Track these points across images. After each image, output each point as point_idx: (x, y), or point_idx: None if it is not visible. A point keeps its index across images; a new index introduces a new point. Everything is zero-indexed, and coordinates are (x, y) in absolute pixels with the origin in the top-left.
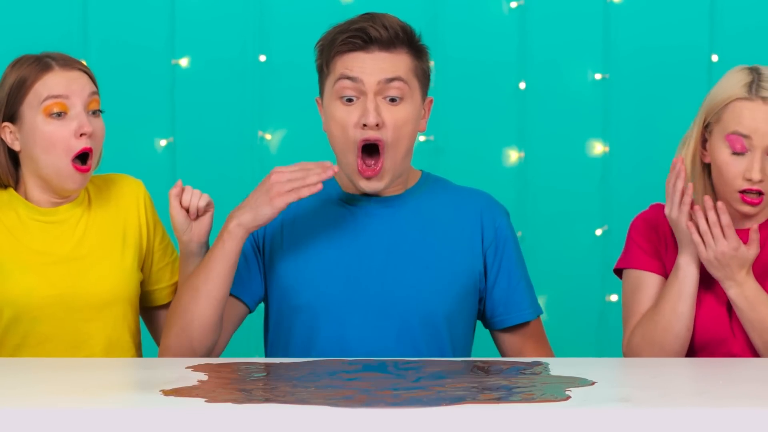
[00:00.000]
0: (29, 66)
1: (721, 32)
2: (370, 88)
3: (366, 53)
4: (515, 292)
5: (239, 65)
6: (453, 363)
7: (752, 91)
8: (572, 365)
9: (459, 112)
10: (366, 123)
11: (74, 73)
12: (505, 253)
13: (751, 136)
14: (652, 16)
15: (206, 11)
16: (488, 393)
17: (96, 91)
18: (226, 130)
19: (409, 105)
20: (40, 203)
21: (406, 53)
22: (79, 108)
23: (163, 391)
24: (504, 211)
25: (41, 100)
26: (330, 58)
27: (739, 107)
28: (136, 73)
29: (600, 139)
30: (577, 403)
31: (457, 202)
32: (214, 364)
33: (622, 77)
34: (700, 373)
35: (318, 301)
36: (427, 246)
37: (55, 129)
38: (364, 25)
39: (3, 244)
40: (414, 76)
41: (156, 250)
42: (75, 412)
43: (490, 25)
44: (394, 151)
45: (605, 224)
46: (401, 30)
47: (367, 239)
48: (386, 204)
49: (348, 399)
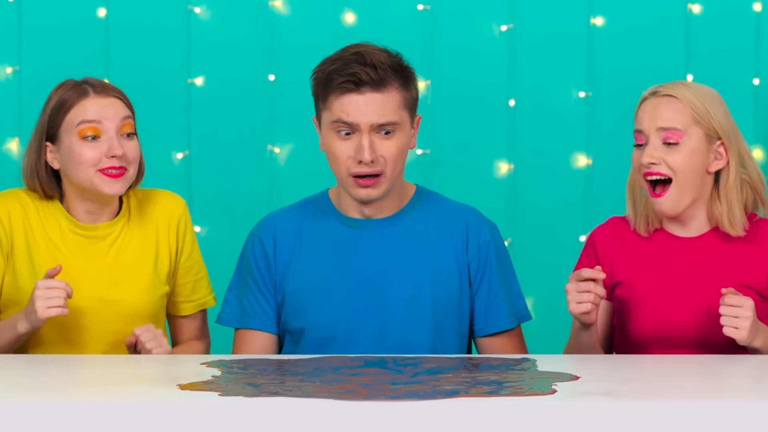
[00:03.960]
0: (68, 91)
1: (696, 53)
2: (364, 128)
3: (359, 95)
4: (494, 302)
5: (250, 84)
6: (448, 359)
7: (649, 92)
8: (558, 361)
9: (453, 128)
10: (361, 160)
11: (108, 100)
12: (487, 266)
13: (641, 130)
14: (631, 38)
15: (219, 34)
16: (480, 387)
17: (130, 115)
18: (238, 143)
19: (401, 135)
20: (80, 218)
21: (396, 88)
22: (111, 132)
23: (180, 386)
24: (489, 225)
25: (76, 123)
26: (326, 96)
27: (641, 109)
28: (155, 92)
29: (584, 152)
30: (562, 397)
31: (446, 217)
32: (227, 361)
33: (604, 95)
34: (676, 369)
35: (324, 318)
36: (418, 261)
37: (87, 150)
38: (357, 70)
39: (44, 252)
40: (404, 109)
41: (180, 268)
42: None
43: (482, 48)
44: (389, 173)
45: (588, 232)
46: (389, 68)
47: (366, 259)
48: (382, 225)
49: (351, 393)
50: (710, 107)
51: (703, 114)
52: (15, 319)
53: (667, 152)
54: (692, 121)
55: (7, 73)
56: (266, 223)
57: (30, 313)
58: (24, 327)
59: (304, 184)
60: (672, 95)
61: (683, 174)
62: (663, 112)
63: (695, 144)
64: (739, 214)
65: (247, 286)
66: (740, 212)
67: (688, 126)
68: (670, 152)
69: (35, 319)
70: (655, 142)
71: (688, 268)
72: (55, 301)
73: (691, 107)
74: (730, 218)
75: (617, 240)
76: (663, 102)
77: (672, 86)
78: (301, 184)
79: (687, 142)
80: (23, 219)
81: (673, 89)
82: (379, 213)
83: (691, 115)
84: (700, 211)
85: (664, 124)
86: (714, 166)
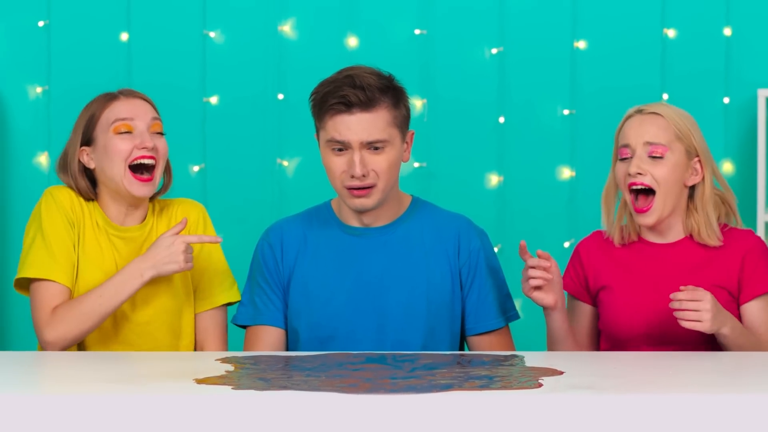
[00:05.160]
0: (100, 99)
1: (671, 74)
2: (355, 146)
3: (350, 115)
4: (484, 304)
5: (260, 102)
6: (442, 356)
7: (634, 110)
8: (544, 358)
9: (447, 143)
10: (353, 174)
11: (137, 101)
12: (477, 271)
13: (628, 144)
14: (611, 60)
15: (232, 57)
16: (472, 381)
17: (157, 116)
18: (250, 157)
19: (390, 151)
20: (114, 218)
21: (384, 107)
22: (142, 128)
23: (196, 380)
24: (479, 233)
25: (111, 122)
26: (321, 116)
27: (627, 125)
28: (173, 109)
29: (568, 165)
30: (548, 390)
31: (440, 225)
32: (240, 357)
33: (587, 113)
34: (653, 365)
35: (326, 318)
36: (413, 266)
37: (120, 143)
38: (347, 92)
39: (86, 243)
40: (393, 127)
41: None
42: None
43: (474, 69)
44: (382, 186)
45: (572, 238)
46: (377, 90)
47: (365, 264)
48: (380, 233)
49: (353, 387)
50: (690, 127)
51: (684, 132)
52: (135, 271)
53: (652, 165)
54: (675, 137)
55: (37, 92)
56: (274, 229)
57: (163, 265)
58: (150, 274)
59: (310, 195)
60: (657, 113)
61: (666, 185)
62: (649, 128)
63: (677, 159)
64: (715, 226)
65: (258, 286)
66: (716, 224)
67: (672, 142)
68: (655, 165)
69: (170, 270)
70: (642, 155)
71: (666, 271)
72: (190, 257)
73: (675, 125)
74: (707, 229)
75: (600, 250)
76: (649, 119)
77: (656, 106)
78: (307, 195)
79: (670, 157)
80: (78, 209)
81: (658, 108)
82: (377, 222)
83: (674, 132)
84: (676, 222)
85: (650, 139)
86: (691, 180)
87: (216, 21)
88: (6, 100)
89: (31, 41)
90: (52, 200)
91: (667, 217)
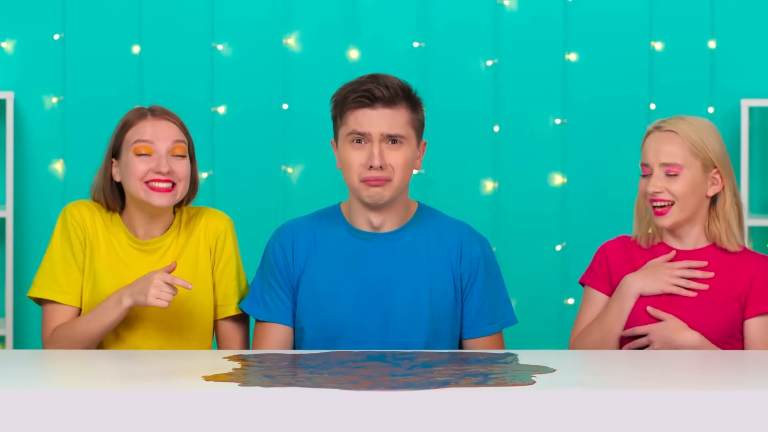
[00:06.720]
0: (132, 113)
1: (658, 85)
2: (375, 138)
3: (372, 110)
4: (480, 310)
5: (266, 112)
6: (440, 354)
7: (653, 126)
8: (537, 356)
9: (445, 150)
10: (372, 165)
11: (163, 123)
12: (476, 278)
13: (647, 163)
14: (601, 72)
15: (239, 68)
16: (468, 378)
17: (182, 139)
18: (256, 164)
19: (407, 148)
20: (137, 231)
21: (404, 108)
22: (162, 152)
23: (205, 377)
24: (481, 241)
25: (133, 142)
26: (343, 112)
27: (646, 143)
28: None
29: (559, 172)
30: (541, 387)
31: (444, 232)
32: (246, 355)
33: (578, 122)
34: (641, 363)
35: (333, 319)
36: (417, 271)
37: (138, 163)
38: (370, 86)
39: (104, 259)
40: (411, 127)
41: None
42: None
43: (470, 80)
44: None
45: (563, 241)
46: (400, 89)
47: (371, 267)
48: (387, 238)
49: (355, 383)
50: (706, 140)
51: (700, 147)
52: (116, 299)
53: (669, 182)
54: (690, 153)
55: (53, 102)
56: (286, 229)
57: (137, 294)
58: (128, 302)
59: (314, 200)
60: (673, 130)
61: (684, 198)
62: (664, 147)
63: (693, 174)
64: (737, 232)
65: (268, 284)
66: (737, 230)
67: (687, 159)
68: (672, 182)
69: (141, 301)
70: (659, 174)
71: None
72: (165, 296)
73: (690, 142)
74: (728, 235)
75: (624, 251)
76: (665, 138)
77: (673, 122)
78: (311, 200)
79: (686, 174)
80: (92, 225)
81: (674, 125)
82: (386, 226)
83: (690, 149)
84: (694, 228)
85: (666, 159)
86: (712, 191)
87: (223, 34)
88: (23, 110)
89: (47, 53)
90: (66, 220)
91: (685, 222)
